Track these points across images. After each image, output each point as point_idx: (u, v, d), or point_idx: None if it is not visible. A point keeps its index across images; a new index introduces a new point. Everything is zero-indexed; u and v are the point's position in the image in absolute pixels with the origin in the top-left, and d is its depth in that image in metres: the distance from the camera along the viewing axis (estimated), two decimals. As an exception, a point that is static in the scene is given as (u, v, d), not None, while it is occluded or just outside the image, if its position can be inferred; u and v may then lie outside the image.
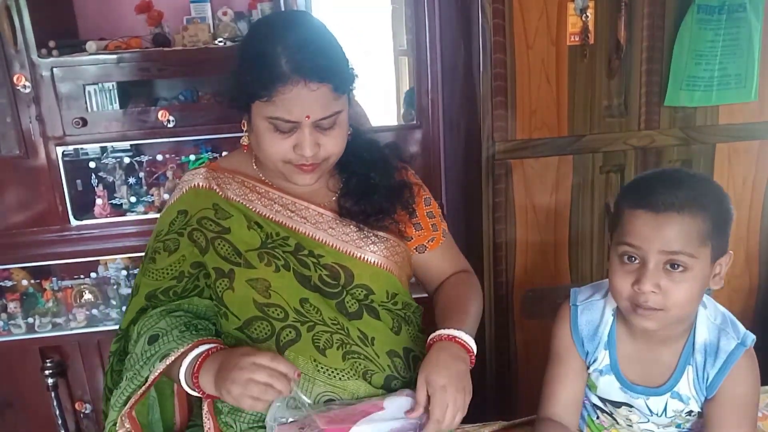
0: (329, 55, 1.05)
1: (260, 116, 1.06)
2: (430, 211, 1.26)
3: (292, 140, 1.06)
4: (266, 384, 0.93)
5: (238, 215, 1.14)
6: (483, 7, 1.56)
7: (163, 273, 1.13)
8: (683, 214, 0.96)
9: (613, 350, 1.13)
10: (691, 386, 1.10)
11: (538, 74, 1.61)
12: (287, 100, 1.02)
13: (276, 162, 1.09)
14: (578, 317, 1.15)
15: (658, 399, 1.12)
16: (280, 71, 1.01)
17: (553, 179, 1.69)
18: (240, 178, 1.18)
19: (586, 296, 1.17)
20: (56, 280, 1.85)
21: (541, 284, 1.76)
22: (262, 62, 1.03)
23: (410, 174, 1.27)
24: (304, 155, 1.06)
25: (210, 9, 1.91)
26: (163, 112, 1.77)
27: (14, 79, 1.70)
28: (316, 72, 1.01)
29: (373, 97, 2.05)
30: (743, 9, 1.57)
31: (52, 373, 1.87)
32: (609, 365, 1.14)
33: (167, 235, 1.14)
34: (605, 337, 1.14)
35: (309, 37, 1.05)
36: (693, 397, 1.10)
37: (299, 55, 1.01)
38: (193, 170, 1.22)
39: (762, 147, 1.73)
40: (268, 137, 1.07)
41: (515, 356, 1.82)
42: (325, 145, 1.08)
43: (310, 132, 1.05)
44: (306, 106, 1.03)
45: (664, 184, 1.00)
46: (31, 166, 1.78)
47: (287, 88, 1.01)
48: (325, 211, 1.18)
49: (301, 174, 1.10)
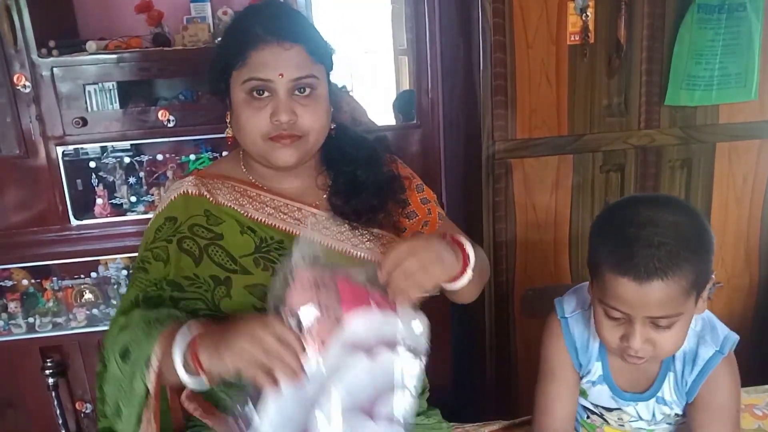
0: (303, 22, 1.11)
1: (237, 87, 1.07)
2: (424, 197, 1.24)
3: (268, 109, 1.06)
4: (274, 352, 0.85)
5: (230, 220, 1.12)
6: (483, 6, 1.56)
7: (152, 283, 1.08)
8: (668, 280, 0.93)
9: (605, 361, 1.14)
10: (672, 392, 1.11)
11: (538, 74, 1.61)
12: (261, 60, 1.05)
13: (255, 138, 1.09)
14: (570, 330, 1.15)
15: (645, 405, 1.14)
16: (254, 34, 1.05)
17: (553, 179, 1.69)
18: (230, 183, 1.17)
19: (573, 308, 1.17)
20: (56, 279, 1.85)
21: (541, 284, 1.76)
22: (237, 32, 1.08)
23: (399, 165, 1.26)
24: (281, 120, 1.05)
25: (210, 9, 1.91)
26: (163, 112, 1.77)
27: (14, 79, 1.70)
28: (289, 33, 1.06)
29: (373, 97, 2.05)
30: (743, 8, 1.57)
31: (52, 372, 1.87)
32: (602, 376, 1.15)
33: (154, 243, 1.11)
34: (596, 349, 1.14)
35: (284, 10, 1.12)
36: (674, 402, 1.12)
37: (272, 20, 1.07)
38: (180, 179, 1.20)
39: (762, 146, 1.73)
40: (245, 111, 1.07)
41: (515, 356, 1.82)
42: (302, 116, 1.07)
43: (285, 96, 1.06)
44: (279, 64, 1.05)
45: (644, 245, 0.94)
46: (31, 166, 1.78)
47: (261, 47, 1.05)
48: (317, 211, 1.17)
49: (281, 149, 1.08)
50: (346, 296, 0.90)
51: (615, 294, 0.97)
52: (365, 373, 0.91)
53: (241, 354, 0.85)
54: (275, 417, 0.87)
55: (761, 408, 1.43)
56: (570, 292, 1.21)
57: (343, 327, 0.89)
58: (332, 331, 0.89)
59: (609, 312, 1.00)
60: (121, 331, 1.01)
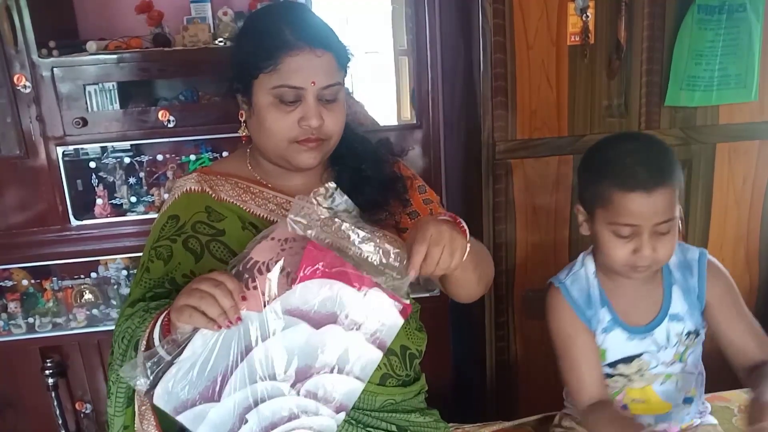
0: (329, 30, 1.11)
1: (264, 90, 1.07)
2: (427, 198, 1.25)
3: (296, 114, 1.07)
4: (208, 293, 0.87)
5: (231, 216, 1.13)
6: (483, 7, 1.56)
7: (156, 282, 1.11)
8: (667, 184, 1.11)
9: (610, 305, 1.23)
10: (682, 302, 1.23)
11: (538, 74, 1.61)
12: (294, 66, 1.04)
13: (280, 142, 1.09)
14: (570, 291, 1.24)
15: (660, 329, 1.22)
16: (286, 39, 1.04)
17: (553, 179, 1.69)
18: (233, 180, 1.18)
19: (567, 273, 1.27)
20: (56, 280, 1.85)
21: (541, 284, 1.74)
22: (266, 35, 1.06)
23: (402, 166, 1.27)
24: (311, 125, 1.06)
25: (210, 9, 1.91)
26: (163, 112, 1.77)
27: (14, 79, 1.70)
28: (320, 40, 1.06)
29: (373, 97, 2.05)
30: (743, 9, 1.57)
31: (52, 373, 1.87)
32: (611, 320, 1.23)
33: (158, 242, 1.13)
34: (597, 296, 1.24)
35: (307, 15, 1.11)
36: (686, 313, 1.23)
37: (303, 26, 1.06)
38: (184, 176, 1.21)
39: (762, 147, 1.73)
40: (272, 114, 1.07)
41: (515, 356, 1.82)
42: (327, 121, 1.08)
43: (314, 102, 1.06)
44: (312, 72, 1.05)
45: (642, 161, 1.11)
46: (31, 166, 1.78)
47: (294, 53, 1.04)
48: None
49: (305, 152, 1.10)
50: (308, 262, 0.91)
51: (627, 211, 1.11)
52: (303, 341, 0.93)
53: (184, 300, 0.89)
54: (199, 349, 0.89)
55: (761, 408, 1.43)
56: (564, 269, 1.31)
57: (292, 291, 0.91)
58: (281, 291, 0.91)
59: (619, 231, 1.13)
60: (126, 321, 1.05)
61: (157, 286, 1.10)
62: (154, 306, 1.06)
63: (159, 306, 1.04)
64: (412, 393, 1.22)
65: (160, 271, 1.11)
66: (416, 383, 1.23)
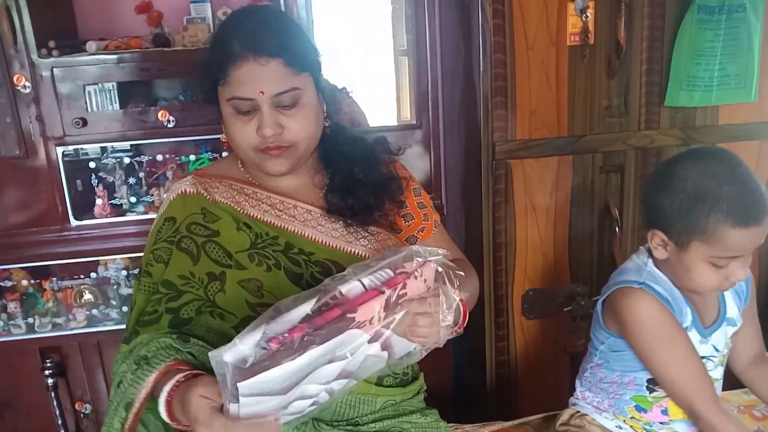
0: (281, 33, 1.08)
1: (223, 102, 1.08)
2: (421, 202, 1.26)
3: (254, 123, 1.07)
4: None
5: (226, 217, 1.13)
6: (483, 7, 1.56)
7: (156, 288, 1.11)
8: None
9: (691, 305, 1.20)
10: (733, 303, 1.24)
11: (538, 74, 1.61)
12: (240, 78, 1.04)
13: (246, 150, 1.10)
14: (657, 291, 1.18)
15: (718, 333, 1.22)
16: (232, 51, 1.04)
17: (553, 179, 1.69)
18: (227, 182, 1.18)
19: (640, 274, 1.20)
20: (56, 280, 1.84)
21: (541, 284, 1.76)
22: (218, 47, 1.07)
23: (398, 166, 1.27)
24: (265, 135, 1.06)
25: (210, 9, 1.91)
26: (163, 112, 1.77)
27: (14, 79, 1.70)
28: (265, 47, 1.04)
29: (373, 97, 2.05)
30: (743, 9, 1.57)
31: (52, 373, 1.87)
32: (692, 320, 1.20)
33: (156, 245, 1.13)
34: (679, 295, 1.20)
35: (263, 19, 1.09)
36: (737, 315, 1.24)
37: (250, 34, 1.05)
38: (179, 179, 1.22)
39: (762, 147, 1.73)
40: (233, 124, 1.08)
41: (515, 356, 1.82)
42: (288, 128, 1.07)
43: (269, 111, 1.06)
44: (258, 82, 1.04)
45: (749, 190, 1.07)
46: (31, 166, 1.77)
47: (239, 65, 1.04)
48: (313, 208, 1.17)
49: (270, 159, 1.10)
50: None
51: (738, 246, 1.07)
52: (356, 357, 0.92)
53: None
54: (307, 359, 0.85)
55: (760, 409, 1.44)
56: (618, 274, 1.26)
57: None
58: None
59: (719, 262, 1.09)
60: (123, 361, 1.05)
61: (157, 291, 1.10)
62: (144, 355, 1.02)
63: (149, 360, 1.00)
64: (412, 393, 1.22)
65: (159, 275, 1.11)
66: (415, 383, 1.23)
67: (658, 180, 1.16)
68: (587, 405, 1.35)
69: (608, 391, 1.31)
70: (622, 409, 1.30)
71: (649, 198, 1.17)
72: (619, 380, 1.28)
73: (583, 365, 1.38)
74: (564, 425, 1.37)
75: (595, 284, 1.77)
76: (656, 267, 1.21)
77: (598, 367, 1.31)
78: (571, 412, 1.38)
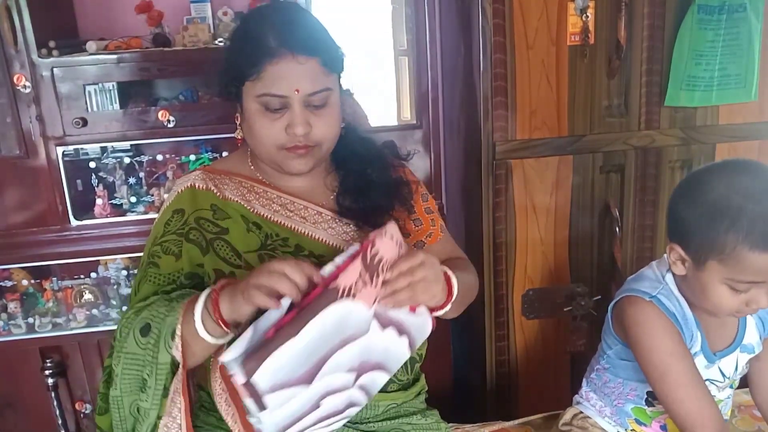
0: (316, 32, 1.07)
1: (251, 97, 1.06)
2: (428, 207, 1.26)
3: (283, 121, 1.05)
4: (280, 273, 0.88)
5: (236, 216, 1.12)
6: (483, 7, 1.56)
7: (167, 279, 1.09)
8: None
9: (701, 329, 1.14)
10: (755, 331, 1.18)
11: (538, 74, 1.61)
12: (276, 75, 1.02)
13: (269, 148, 1.08)
14: (667, 307, 1.12)
15: (728, 359, 1.16)
16: (268, 46, 1.02)
17: (553, 179, 1.69)
18: (237, 179, 1.17)
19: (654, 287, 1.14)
20: (56, 280, 1.84)
21: (541, 284, 1.76)
22: (250, 41, 1.04)
23: (407, 172, 1.27)
24: (296, 133, 1.05)
25: (210, 9, 1.91)
26: (163, 112, 1.77)
27: (14, 79, 1.70)
28: (303, 45, 1.03)
29: (373, 97, 2.05)
30: (743, 9, 1.57)
31: (52, 373, 1.87)
32: (701, 344, 1.15)
33: (164, 237, 1.10)
34: (692, 318, 1.14)
35: (295, 17, 1.07)
36: (756, 342, 1.18)
37: (286, 31, 1.03)
38: (187, 174, 1.20)
39: (762, 147, 1.73)
40: (259, 121, 1.06)
41: (515, 356, 1.82)
42: (316, 127, 1.07)
43: (300, 109, 1.05)
44: (295, 80, 1.03)
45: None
46: (31, 166, 1.77)
47: (275, 61, 1.02)
48: (324, 210, 1.17)
49: (295, 158, 1.09)
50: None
51: (756, 271, 0.99)
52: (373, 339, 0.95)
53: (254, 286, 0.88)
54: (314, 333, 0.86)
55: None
56: (634, 280, 1.20)
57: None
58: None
59: (738, 286, 1.02)
60: (138, 312, 1.03)
61: (170, 282, 1.08)
62: (176, 296, 1.03)
63: (183, 296, 1.02)
64: (413, 394, 1.22)
65: (171, 267, 1.09)
66: (416, 384, 1.24)
67: (683, 190, 1.09)
68: (590, 407, 1.35)
69: (611, 397, 1.30)
70: (623, 422, 1.29)
71: (672, 208, 1.10)
72: (621, 388, 1.27)
73: (592, 364, 1.36)
74: (567, 425, 1.37)
75: (595, 284, 1.77)
76: (675, 282, 1.15)
77: (604, 371, 1.30)
78: (574, 412, 1.38)
